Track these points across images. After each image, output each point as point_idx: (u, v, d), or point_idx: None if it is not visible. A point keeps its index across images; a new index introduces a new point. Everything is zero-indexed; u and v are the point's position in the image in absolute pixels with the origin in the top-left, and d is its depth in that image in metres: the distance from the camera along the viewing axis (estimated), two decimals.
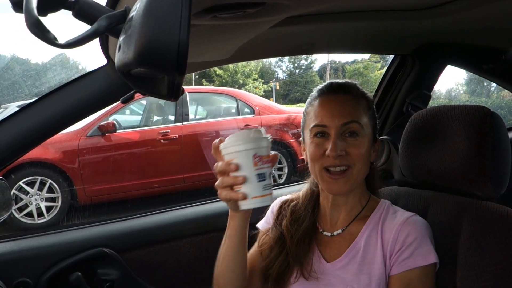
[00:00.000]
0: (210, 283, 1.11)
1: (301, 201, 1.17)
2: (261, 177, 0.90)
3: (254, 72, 24.88)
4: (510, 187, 1.06)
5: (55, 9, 0.59)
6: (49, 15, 0.60)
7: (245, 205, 0.92)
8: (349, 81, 1.11)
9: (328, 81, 1.13)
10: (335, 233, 1.10)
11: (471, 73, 2.35)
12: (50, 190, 4.86)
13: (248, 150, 0.90)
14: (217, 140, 0.94)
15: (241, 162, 0.90)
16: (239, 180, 0.89)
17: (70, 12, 0.60)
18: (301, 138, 1.14)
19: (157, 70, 0.46)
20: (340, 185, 1.03)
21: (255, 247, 1.17)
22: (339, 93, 1.06)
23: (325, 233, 1.12)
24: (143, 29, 0.43)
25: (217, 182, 0.94)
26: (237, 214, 0.99)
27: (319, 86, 1.12)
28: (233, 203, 0.94)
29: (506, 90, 2.12)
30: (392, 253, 1.01)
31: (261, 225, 1.21)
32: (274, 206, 1.21)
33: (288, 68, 34.59)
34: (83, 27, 0.57)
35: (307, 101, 1.13)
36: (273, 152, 0.95)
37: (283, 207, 1.18)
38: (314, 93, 1.11)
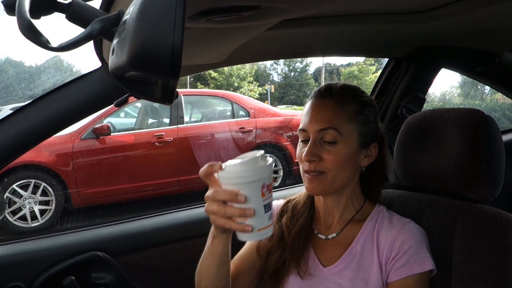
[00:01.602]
0: None
1: (301, 199, 1.18)
2: (267, 207, 0.84)
3: (249, 75, 24.86)
4: (504, 189, 1.07)
5: (48, 12, 0.59)
6: (42, 18, 0.60)
7: (248, 237, 0.85)
8: (346, 83, 1.10)
9: (325, 83, 1.13)
10: (330, 236, 1.10)
11: (465, 76, 2.36)
12: (44, 193, 4.82)
13: (257, 181, 0.81)
14: (215, 165, 0.84)
15: (249, 194, 0.81)
16: (248, 214, 0.81)
17: (63, 15, 0.60)
18: None
19: (151, 73, 0.45)
20: (314, 185, 1.03)
21: (245, 251, 1.14)
22: (323, 98, 1.06)
23: (320, 235, 1.12)
24: (136, 32, 0.42)
25: (212, 209, 0.84)
26: (224, 234, 0.92)
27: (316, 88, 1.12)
28: (226, 229, 0.88)
29: (500, 93, 2.13)
30: (388, 260, 1.01)
31: None
32: (278, 205, 1.20)
33: (283, 71, 34.68)
34: (77, 30, 0.57)
35: None
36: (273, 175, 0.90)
37: (287, 205, 1.18)
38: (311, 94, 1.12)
